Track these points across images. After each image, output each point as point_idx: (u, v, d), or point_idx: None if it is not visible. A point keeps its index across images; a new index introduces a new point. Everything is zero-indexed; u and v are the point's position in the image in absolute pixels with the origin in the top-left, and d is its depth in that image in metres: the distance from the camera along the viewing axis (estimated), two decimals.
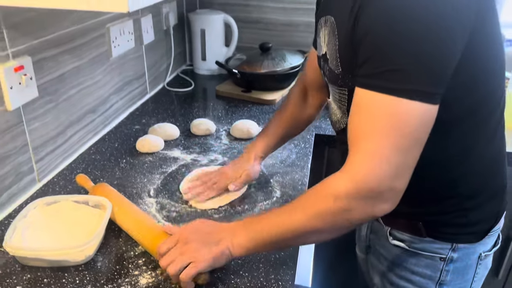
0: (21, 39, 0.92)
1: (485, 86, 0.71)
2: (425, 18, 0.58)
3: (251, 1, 1.82)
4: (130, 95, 1.45)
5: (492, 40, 0.69)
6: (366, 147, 0.64)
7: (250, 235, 0.73)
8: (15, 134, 0.94)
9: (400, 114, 0.61)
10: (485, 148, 0.77)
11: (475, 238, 0.82)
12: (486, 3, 0.65)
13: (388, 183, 0.64)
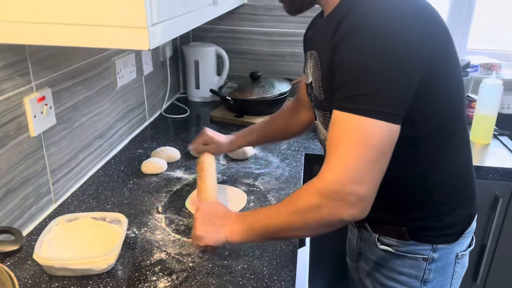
0: (42, 73, 1.03)
1: (445, 110, 0.84)
2: (388, 54, 0.72)
3: (241, 34, 1.97)
4: (132, 121, 1.55)
5: (450, 71, 0.82)
6: (337, 156, 0.75)
7: (244, 226, 0.85)
8: (36, 158, 1.04)
9: (366, 130, 0.73)
10: (452, 161, 0.89)
11: (452, 239, 0.94)
12: (442, 40, 0.80)
13: (351, 188, 0.74)
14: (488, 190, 1.48)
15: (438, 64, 0.78)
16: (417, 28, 0.74)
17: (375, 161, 0.74)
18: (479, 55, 2.05)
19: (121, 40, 0.79)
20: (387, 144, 0.75)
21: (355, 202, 0.74)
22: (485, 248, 1.54)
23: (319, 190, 0.76)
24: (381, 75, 0.72)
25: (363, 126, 0.73)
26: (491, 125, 1.62)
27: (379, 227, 0.98)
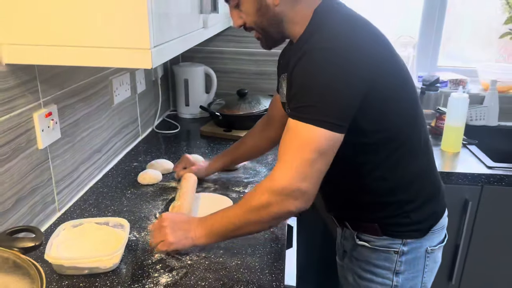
0: (49, 91, 1.12)
1: (394, 121, 0.97)
2: (330, 73, 0.86)
3: (228, 54, 2.10)
4: (126, 137, 1.64)
5: (398, 89, 0.96)
6: (284, 158, 0.90)
7: (207, 229, 0.98)
8: (43, 169, 1.12)
9: (310, 137, 0.87)
10: (410, 164, 1.02)
11: (420, 235, 1.06)
12: (388, 62, 0.94)
13: (296, 184, 0.88)
14: (458, 194, 1.61)
15: (381, 83, 0.91)
16: (360, 53, 0.88)
17: (315, 162, 0.88)
18: (449, 71, 2.22)
19: (127, 60, 0.90)
20: (327, 149, 0.88)
21: (299, 196, 0.89)
22: (459, 249, 1.66)
23: (269, 188, 0.90)
24: (323, 90, 0.86)
25: (307, 132, 0.87)
26: (459, 135, 1.76)
27: (358, 224, 1.09)
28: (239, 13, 1.01)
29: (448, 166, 1.66)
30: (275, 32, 1.01)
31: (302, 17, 0.95)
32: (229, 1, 1.01)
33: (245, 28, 1.03)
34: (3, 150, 0.97)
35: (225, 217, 0.97)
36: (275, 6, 0.95)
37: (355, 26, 0.93)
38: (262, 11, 0.97)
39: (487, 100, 2.06)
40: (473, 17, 2.21)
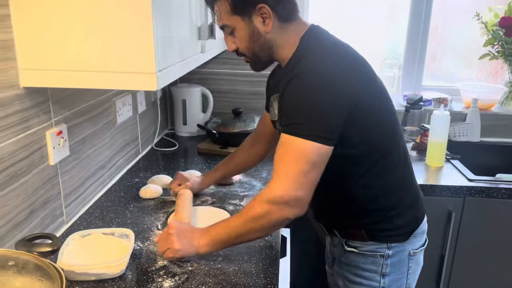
0: (60, 111, 1.22)
1: (375, 135, 1.07)
2: (317, 93, 0.97)
3: (223, 76, 2.22)
4: (128, 154, 1.73)
5: (377, 107, 1.06)
6: (280, 169, 1.00)
7: (210, 238, 1.07)
8: (53, 184, 1.21)
9: (302, 149, 0.98)
10: (391, 174, 1.12)
11: (403, 239, 1.15)
12: (368, 84, 1.04)
13: (293, 193, 0.98)
14: (442, 206, 1.70)
15: (363, 102, 1.02)
16: (344, 76, 0.99)
17: (309, 172, 0.98)
18: (433, 91, 2.34)
19: (135, 83, 1.00)
20: (319, 160, 0.99)
21: (296, 204, 0.99)
22: (444, 258, 1.75)
23: (268, 199, 1.00)
24: (312, 109, 0.97)
25: (299, 146, 0.98)
26: (442, 150, 1.87)
27: (345, 232, 1.18)
28: (232, 39, 1.11)
29: (432, 179, 1.76)
30: (265, 57, 1.11)
31: (290, 43, 1.07)
32: (224, 29, 1.12)
33: (237, 53, 1.14)
34: (19, 165, 1.05)
35: (228, 227, 1.06)
36: (266, 33, 1.06)
37: (339, 52, 1.05)
38: (254, 38, 1.07)
39: (469, 117, 2.17)
40: (455, 40, 2.35)
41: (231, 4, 1.04)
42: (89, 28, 0.97)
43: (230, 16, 1.06)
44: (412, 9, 2.25)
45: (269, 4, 1.03)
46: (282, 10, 1.05)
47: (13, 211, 1.04)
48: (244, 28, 1.07)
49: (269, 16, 1.04)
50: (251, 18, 1.05)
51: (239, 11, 1.04)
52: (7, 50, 0.99)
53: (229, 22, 1.07)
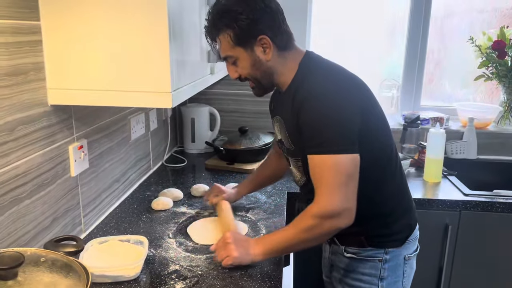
0: (82, 127, 1.33)
1: (375, 147, 1.17)
2: (329, 111, 1.08)
3: (230, 96, 2.34)
4: (140, 169, 1.84)
5: (376, 123, 1.17)
6: (323, 186, 1.09)
7: (265, 246, 1.16)
8: (73, 194, 1.31)
9: (336, 164, 1.08)
10: (390, 182, 1.22)
11: (399, 244, 1.23)
12: (368, 101, 1.16)
13: (341, 206, 1.08)
14: (439, 220, 1.78)
15: (367, 117, 1.13)
16: (349, 95, 1.11)
17: (349, 182, 1.08)
18: (431, 110, 2.44)
19: (152, 101, 1.11)
20: (352, 169, 1.09)
21: (346, 214, 1.09)
22: (442, 271, 1.81)
23: (317, 213, 1.09)
24: (332, 125, 1.08)
25: (333, 161, 1.08)
26: (439, 166, 1.96)
27: (345, 239, 1.26)
28: (235, 68, 1.20)
29: (429, 194, 1.84)
30: (267, 83, 1.21)
31: (289, 69, 1.18)
32: (227, 59, 1.20)
33: (240, 79, 1.24)
34: (45, 176, 1.16)
35: (282, 237, 1.15)
36: (267, 61, 1.16)
37: (335, 72, 1.17)
38: (256, 66, 1.17)
39: (465, 136, 2.26)
40: (451, 62, 2.46)
41: (234, 37, 1.13)
42: (111, 52, 1.09)
43: (233, 48, 1.15)
44: (409, 33, 2.37)
45: (268, 35, 1.13)
46: (280, 40, 1.15)
47: (39, 217, 1.14)
48: (247, 58, 1.16)
49: (269, 46, 1.14)
50: (253, 49, 1.14)
51: (242, 43, 1.14)
52: (38, 72, 1.10)
53: (232, 53, 1.16)
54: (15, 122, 1.03)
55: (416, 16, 2.34)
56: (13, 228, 1.04)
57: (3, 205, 1.00)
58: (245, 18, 1.11)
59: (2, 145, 0.99)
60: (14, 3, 1.00)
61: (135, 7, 1.06)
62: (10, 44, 1.00)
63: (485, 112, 2.34)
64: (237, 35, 1.13)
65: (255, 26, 1.12)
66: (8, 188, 1.02)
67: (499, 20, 2.35)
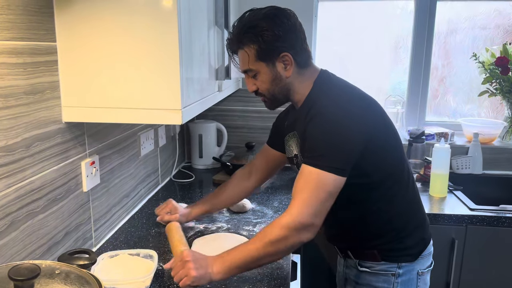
0: (93, 143, 1.37)
1: (388, 164, 1.20)
2: (334, 131, 1.10)
3: (237, 112, 2.38)
4: (149, 184, 1.87)
5: (388, 142, 1.20)
6: (300, 197, 1.10)
7: (224, 264, 1.11)
8: (85, 209, 1.34)
9: (322, 180, 1.10)
10: (403, 197, 1.24)
11: (412, 258, 1.25)
12: (380, 122, 1.18)
13: (311, 220, 1.09)
14: (445, 234, 1.79)
15: (375, 137, 1.16)
16: (357, 119, 1.13)
17: (325, 201, 1.10)
18: (436, 126, 2.46)
19: (163, 118, 1.15)
20: (334, 190, 1.11)
21: (312, 229, 1.10)
22: (449, 286, 1.81)
23: (287, 224, 1.09)
24: (331, 144, 1.11)
25: (319, 176, 1.10)
26: (445, 181, 1.97)
27: (358, 253, 1.29)
28: (253, 81, 1.23)
29: (435, 209, 1.85)
30: (282, 98, 1.25)
31: (304, 87, 1.22)
32: (247, 72, 1.23)
33: (256, 93, 1.26)
34: (59, 191, 1.19)
35: (244, 251, 1.12)
36: (286, 78, 1.20)
37: (349, 93, 1.20)
38: (276, 81, 1.20)
39: (471, 151, 2.28)
40: (455, 78, 2.49)
41: (257, 52, 1.17)
42: (123, 71, 1.14)
43: (255, 62, 1.18)
44: (413, 49, 2.41)
45: (290, 52, 1.17)
46: (300, 58, 1.20)
47: (52, 231, 1.17)
48: (268, 73, 1.19)
49: (290, 63, 1.18)
50: (274, 64, 1.18)
51: (264, 58, 1.17)
52: (54, 90, 1.15)
53: (254, 67, 1.20)
54: (32, 138, 1.07)
55: (420, 33, 2.38)
56: (28, 241, 1.07)
57: (19, 219, 1.04)
58: (271, 34, 1.15)
59: (19, 161, 1.03)
60: (32, 26, 1.05)
61: (146, 27, 1.11)
62: (28, 64, 1.04)
63: (490, 128, 2.36)
64: (261, 50, 1.16)
65: (279, 43, 1.16)
66: (24, 202, 1.05)
67: (501, 36, 2.39)
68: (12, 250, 1.02)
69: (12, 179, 1.01)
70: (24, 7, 1.02)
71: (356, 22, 2.47)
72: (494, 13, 2.38)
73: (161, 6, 1.10)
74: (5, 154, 0.98)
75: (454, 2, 2.39)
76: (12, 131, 1.00)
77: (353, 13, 2.47)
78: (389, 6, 2.47)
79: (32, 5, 1.04)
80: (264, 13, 1.17)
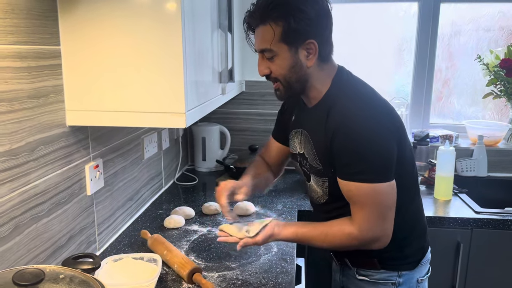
0: (97, 147, 1.36)
1: (404, 172, 1.17)
2: (370, 143, 1.06)
3: (240, 115, 2.38)
4: (152, 188, 1.87)
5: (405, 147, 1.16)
6: (364, 213, 1.10)
7: (290, 237, 1.19)
8: (89, 212, 1.34)
9: (375, 193, 1.08)
10: (407, 207, 1.21)
11: (412, 267, 1.23)
12: (401, 128, 1.16)
13: (382, 232, 1.11)
14: (451, 238, 1.77)
15: (400, 141, 1.13)
16: (385, 123, 1.10)
17: (388, 211, 1.10)
18: (440, 128, 2.45)
19: (166, 122, 1.15)
20: (391, 196, 1.10)
21: (383, 240, 1.12)
22: None
23: (356, 237, 1.11)
24: (370, 156, 1.07)
25: (373, 190, 1.08)
26: (450, 184, 1.96)
27: (357, 261, 1.26)
28: (268, 63, 1.12)
29: (440, 212, 1.84)
30: (299, 89, 1.15)
31: (322, 83, 1.15)
32: (263, 52, 1.12)
33: (268, 78, 1.16)
34: (63, 195, 1.19)
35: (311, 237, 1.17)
36: (308, 67, 1.11)
37: (371, 99, 1.15)
38: (295, 68, 1.11)
39: (475, 153, 2.26)
40: (459, 80, 2.48)
41: (282, 32, 1.06)
42: (127, 75, 1.13)
43: (278, 42, 1.08)
44: (417, 52, 2.40)
45: (317, 41, 1.09)
46: (324, 50, 1.12)
47: (56, 235, 1.17)
48: (288, 58, 1.10)
49: (314, 53, 1.10)
50: (297, 50, 1.09)
51: (289, 40, 1.07)
52: (57, 94, 1.15)
53: (275, 48, 1.09)
54: (36, 142, 1.07)
55: (423, 35, 2.38)
56: (33, 245, 1.07)
57: (23, 223, 1.03)
58: (304, 16, 1.05)
59: (23, 165, 1.03)
60: (36, 29, 1.05)
61: (150, 31, 1.11)
62: (32, 68, 1.04)
63: (495, 130, 2.34)
64: (287, 30, 1.06)
65: (310, 28, 1.07)
66: (28, 206, 1.05)
67: (506, 38, 2.38)
68: (16, 254, 1.01)
69: (16, 183, 1.00)
70: (28, 11, 1.02)
71: (360, 24, 2.46)
72: (498, 15, 2.37)
73: (165, 9, 1.10)
74: (9, 158, 0.98)
75: (458, 4, 2.38)
76: (17, 135, 1.00)
77: (357, 15, 2.46)
78: (392, 9, 2.46)
79: (36, 9, 1.04)
80: None
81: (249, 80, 2.33)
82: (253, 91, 2.34)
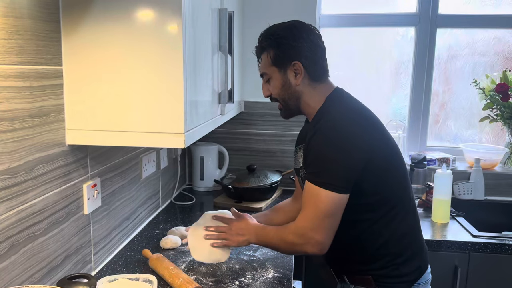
0: (96, 166, 1.37)
1: (387, 186, 1.21)
2: (334, 148, 1.14)
3: (239, 135, 2.39)
4: (150, 207, 1.86)
5: (390, 163, 1.21)
6: (304, 211, 1.17)
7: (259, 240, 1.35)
8: (85, 231, 1.33)
9: (318, 196, 1.14)
10: (401, 222, 1.23)
11: (407, 286, 1.23)
12: (381, 143, 1.20)
13: (311, 234, 1.15)
14: (448, 261, 1.77)
15: (376, 158, 1.17)
16: (359, 134, 1.16)
17: (325, 218, 1.14)
18: (437, 151, 2.46)
19: (165, 142, 1.15)
20: (333, 207, 1.14)
21: (314, 244, 1.16)
22: None
23: (293, 231, 1.19)
24: (329, 161, 1.14)
25: (316, 192, 1.15)
26: (447, 207, 1.96)
27: (354, 277, 1.27)
28: (268, 86, 1.32)
29: (438, 235, 1.83)
30: (293, 105, 1.31)
31: (316, 101, 1.27)
32: (263, 76, 1.33)
33: (271, 99, 1.34)
34: (60, 214, 1.19)
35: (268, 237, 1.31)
36: (296, 85, 1.27)
37: (355, 112, 1.23)
38: (285, 87, 1.28)
39: (473, 176, 2.27)
40: (456, 104, 2.50)
41: (273, 57, 1.27)
42: (127, 95, 1.15)
43: (270, 66, 1.28)
44: (414, 75, 2.44)
45: (302, 63, 1.25)
46: (313, 71, 1.27)
47: (52, 255, 1.16)
48: (279, 78, 1.28)
49: (300, 73, 1.26)
50: (286, 71, 1.27)
51: (278, 63, 1.27)
52: (58, 113, 1.16)
53: (268, 71, 1.30)
54: (35, 161, 1.07)
55: (420, 59, 2.41)
56: (28, 265, 1.06)
57: (19, 242, 1.03)
58: (286, 43, 1.25)
59: (22, 184, 1.03)
60: (40, 50, 1.07)
61: (151, 53, 1.12)
62: (34, 88, 1.05)
63: (492, 153, 2.36)
64: (276, 55, 1.26)
65: (293, 52, 1.24)
66: (25, 225, 1.05)
67: (501, 63, 2.42)
68: (11, 274, 1.01)
69: (13, 202, 1.00)
70: (32, 32, 1.04)
71: (358, 48, 2.50)
72: (494, 41, 2.41)
73: (166, 32, 1.12)
74: (8, 176, 0.98)
75: (454, 29, 2.43)
76: (16, 154, 1.00)
77: (355, 39, 2.51)
78: (390, 33, 2.50)
79: (40, 30, 1.06)
80: (287, 24, 1.28)
81: (248, 100, 2.35)
82: (252, 111, 2.36)
